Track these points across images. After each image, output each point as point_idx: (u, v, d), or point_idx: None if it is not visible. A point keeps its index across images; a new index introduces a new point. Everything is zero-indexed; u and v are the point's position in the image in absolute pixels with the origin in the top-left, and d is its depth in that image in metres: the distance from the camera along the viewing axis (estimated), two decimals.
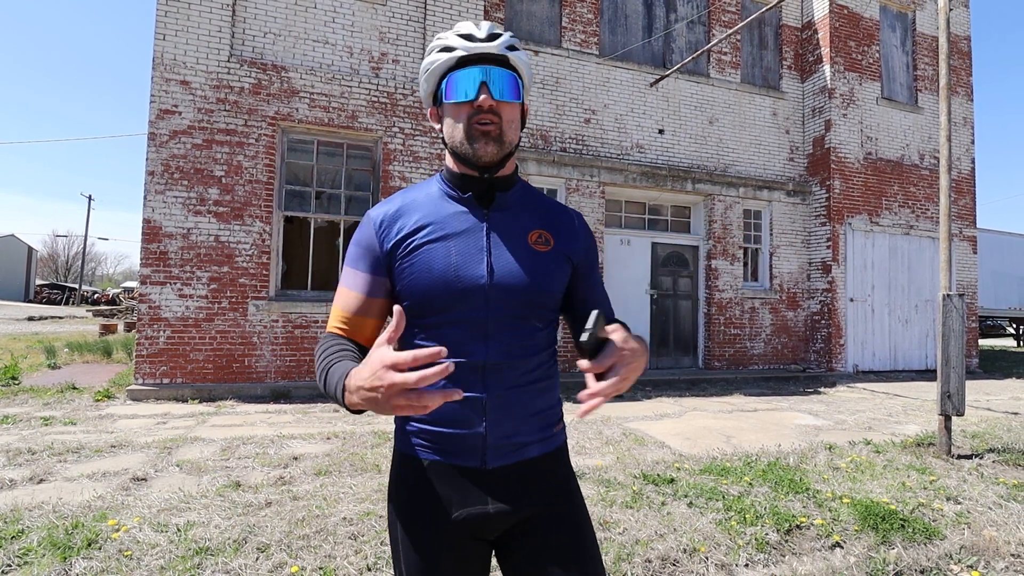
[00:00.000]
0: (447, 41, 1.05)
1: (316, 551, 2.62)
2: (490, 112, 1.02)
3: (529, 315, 1.06)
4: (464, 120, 1.04)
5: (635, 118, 9.71)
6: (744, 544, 2.81)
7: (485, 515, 1.04)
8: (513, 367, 1.04)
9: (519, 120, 1.09)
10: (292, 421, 5.55)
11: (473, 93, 1.02)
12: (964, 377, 4.69)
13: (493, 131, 1.03)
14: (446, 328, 1.04)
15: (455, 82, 1.04)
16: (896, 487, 3.73)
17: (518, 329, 1.05)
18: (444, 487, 1.04)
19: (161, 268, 6.71)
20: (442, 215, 1.08)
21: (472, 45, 1.03)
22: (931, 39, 11.67)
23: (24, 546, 2.56)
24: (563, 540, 1.06)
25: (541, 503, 1.07)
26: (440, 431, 1.04)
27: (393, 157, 7.69)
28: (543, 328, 1.10)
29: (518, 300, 1.04)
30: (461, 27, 1.07)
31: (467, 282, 1.02)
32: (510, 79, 1.04)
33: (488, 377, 1.03)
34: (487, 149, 1.03)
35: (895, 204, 11.13)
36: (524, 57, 1.08)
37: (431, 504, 1.04)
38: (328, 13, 7.53)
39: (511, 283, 1.04)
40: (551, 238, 1.11)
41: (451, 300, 1.02)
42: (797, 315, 10.78)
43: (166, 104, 6.80)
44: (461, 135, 1.04)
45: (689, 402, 7.26)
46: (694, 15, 10.37)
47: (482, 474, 1.04)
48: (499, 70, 1.04)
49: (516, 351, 1.05)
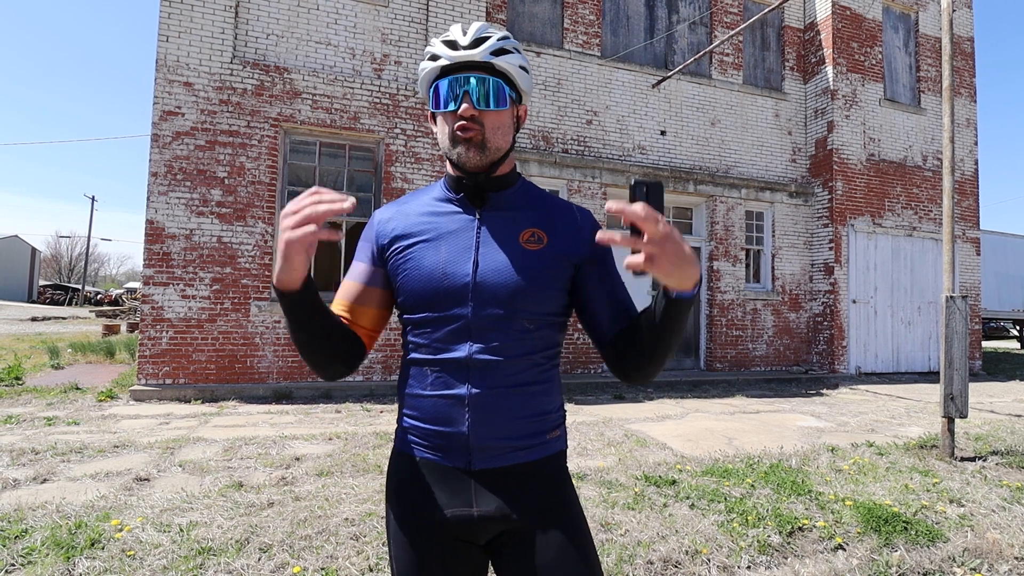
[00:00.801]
0: (434, 48, 1.05)
1: (318, 552, 2.62)
2: (471, 120, 1.02)
3: (515, 314, 1.04)
4: (449, 128, 1.05)
5: (637, 119, 9.71)
6: (746, 546, 2.80)
7: (469, 517, 1.03)
8: (499, 367, 1.03)
9: (509, 125, 1.08)
10: (294, 422, 5.55)
11: (455, 103, 1.03)
12: (967, 379, 4.67)
13: (475, 137, 1.03)
14: (434, 325, 1.05)
15: (439, 92, 1.05)
16: (899, 489, 3.72)
17: (506, 329, 1.04)
18: (432, 485, 1.04)
19: (164, 269, 6.73)
20: (438, 216, 1.10)
21: (455, 54, 1.03)
22: (934, 40, 11.65)
23: (28, 546, 2.57)
24: (558, 556, 1.02)
25: (532, 512, 1.04)
26: (426, 427, 1.05)
27: (395, 158, 7.70)
28: (535, 329, 1.06)
29: (502, 299, 1.03)
30: (449, 32, 1.07)
31: (453, 280, 1.04)
32: (494, 86, 1.04)
33: (472, 375, 1.03)
34: (470, 155, 1.04)
35: (898, 205, 11.11)
36: (516, 59, 1.06)
37: (418, 501, 1.05)
38: (331, 15, 7.55)
39: (495, 281, 1.04)
40: (544, 236, 1.08)
41: (438, 297, 1.04)
42: (799, 316, 10.76)
43: (169, 105, 6.82)
44: (447, 142, 1.06)
45: (691, 403, 7.25)
46: (696, 16, 10.37)
47: (468, 475, 1.03)
48: (481, 78, 1.03)
49: (502, 351, 1.03)
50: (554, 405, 1.11)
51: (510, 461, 1.04)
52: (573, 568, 1.02)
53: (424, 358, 1.06)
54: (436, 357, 1.05)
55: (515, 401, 1.04)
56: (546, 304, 1.07)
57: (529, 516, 1.03)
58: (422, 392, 1.06)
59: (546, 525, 1.03)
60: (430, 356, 1.05)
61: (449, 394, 1.03)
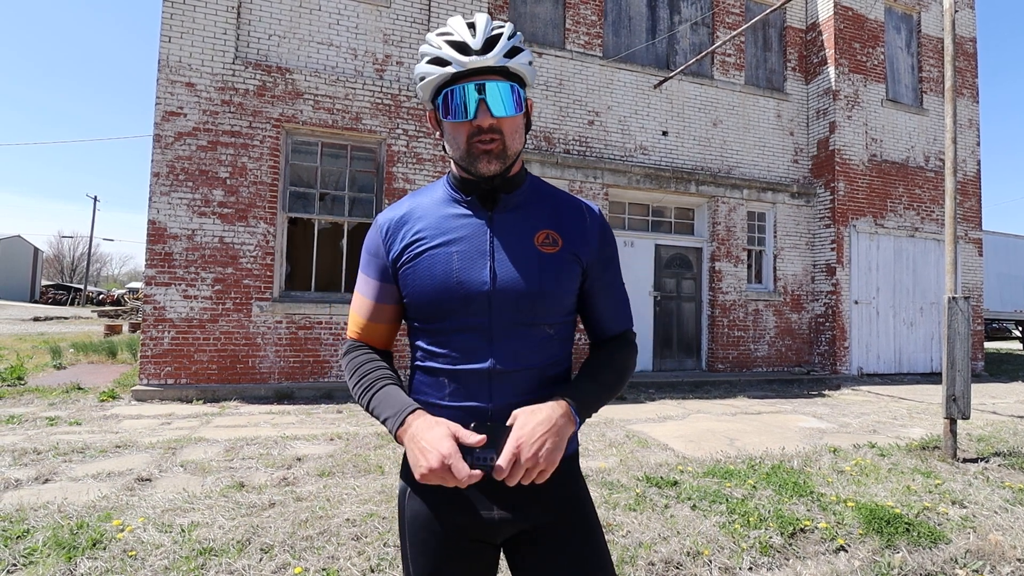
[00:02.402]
0: (440, 52, 0.97)
1: (319, 552, 2.62)
2: (491, 131, 0.98)
3: (537, 320, 1.02)
4: (464, 139, 0.99)
5: (639, 120, 9.71)
6: (748, 547, 2.80)
7: (490, 520, 1.03)
8: (521, 376, 1.02)
9: (522, 127, 1.04)
10: (295, 422, 5.56)
11: (471, 113, 0.97)
12: (969, 380, 4.66)
13: (495, 148, 0.99)
14: (451, 334, 1.02)
15: (450, 100, 0.98)
16: (901, 491, 3.71)
17: (526, 335, 1.02)
18: (452, 491, 1.03)
19: (166, 269, 6.74)
20: (446, 220, 1.06)
21: (467, 60, 0.95)
22: (936, 40, 11.63)
23: (29, 546, 2.57)
24: (572, 550, 1.04)
25: (549, 512, 1.05)
26: None
27: (397, 159, 7.71)
28: (555, 334, 1.05)
29: (524, 305, 1.01)
30: (454, 30, 0.99)
31: (469, 288, 1.00)
32: (510, 91, 0.98)
33: (495, 386, 1.01)
34: (490, 167, 0.99)
35: (900, 206, 11.10)
36: (525, 58, 1.01)
37: (438, 506, 1.05)
38: (332, 15, 7.55)
39: (515, 288, 1.00)
40: (559, 238, 1.05)
41: (453, 306, 1.01)
42: (801, 317, 10.74)
43: (171, 106, 6.84)
44: (462, 153, 1.00)
45: (692, 404, 7.24)
46: (698, 17, 10.36)
47: (489, 481, 1.03)
48: (497, 84, 0.97)
49: (524, 359, 1.02)
50: None
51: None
52: (587, 564, 1.05)
53: (440, 367, 1.03)
54: (455, 368, 1.02)
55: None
56: (564, 306, 1.06)
57: (546, 516, 1.05)
58: (439, 402, 1.04)
59: (561, 523, 1.06)
60: (448, 366, 1.02)
61: (471, 406, 1.01)
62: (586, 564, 1.04)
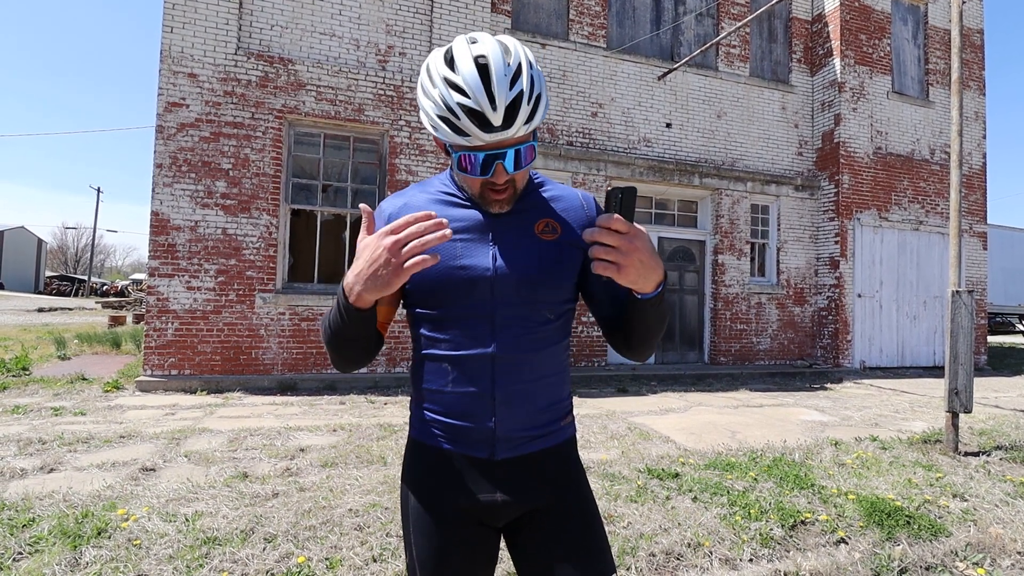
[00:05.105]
0: (455, 120, 0.92)
1: (322, 542, 2.64)
2: (505, 183, 0.99)
3: (538, 307, 1.05)
4: (477, 186, 1.01)
5: (642, 112, 9.66)
6: (748, 539, 2.81)
7: (492, 504, 1.05)
8: (523, 361, 1.04)
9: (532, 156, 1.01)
10: (299, 413, 5.58)
11: (489, 172, 0.97)
12: (972, 374, 4.65)
13: (507, 196, 1.02)
14: (453, 321, 1.04)
15: (465, 160, 0.97)
16: (902, 484, 3.72)
17: (527, 321, 1.04)
18: (454, 475, 1.06)
19: (169, 260, 6.75)
20: (450, 208, 1.08)
21: (488, 138, 0.91)
22: (943, 32, 11.52)
23: (35, 535, 2.60)
24: (572, 532, 1.07)
25: (549, 495, 1.08)
26: (451, 423, 1.05)
27: (399, 150, 7.69)
28: (555, 320, 1.08)
29: (525, 292, 1.03)
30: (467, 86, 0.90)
31: (471, 273, 1.02)
32: (527, 148, 0.97)
33: (497, 371, 1.02)
34: (501, 208, 1.04)
35: (905, 199, 11.04)
36: (543, 107, 0.96)
37: (441, 490, 1.07)
38: (335, 6, 7.51)
39: (517, 274, 1.02)
40: (558, 226, 1.08)
41: (456, 292, 1.02)
42: (804, 311, 10.72)
43: (174, 97, 6.82)
44: (473, 194, 1.04)
45: (694, 397, 7.25)
46: (703, 8, 10.28)
47: (491, 465, 1.05)
48: (516, 148, 0.95)
49: (526, 344, 1.04)
50: (566, 392, 1.14)
51: (531, 449, 1.07)
52: (586, 541, 1.07)
53: (444, 354, 1.05)
54: (458, 354, 1.03)
55: (537, 393, 1.07)
56: (564, 292, 1.08)
57: (546, 498, 1.08)
58: (443, 388, 1.05)
59: (561, 506, 1.08)
60: (450, 352, 1.04)
61: (474, 391, 1.03)
62: (586, 547, 1.07)
